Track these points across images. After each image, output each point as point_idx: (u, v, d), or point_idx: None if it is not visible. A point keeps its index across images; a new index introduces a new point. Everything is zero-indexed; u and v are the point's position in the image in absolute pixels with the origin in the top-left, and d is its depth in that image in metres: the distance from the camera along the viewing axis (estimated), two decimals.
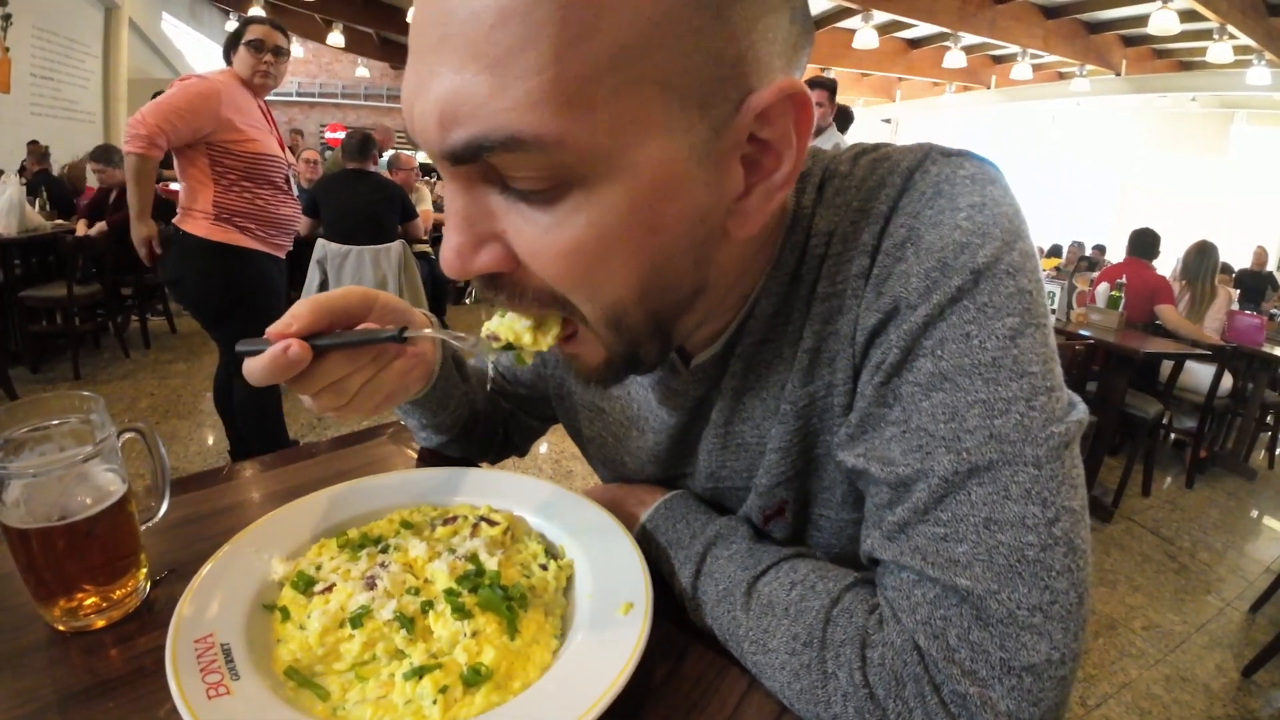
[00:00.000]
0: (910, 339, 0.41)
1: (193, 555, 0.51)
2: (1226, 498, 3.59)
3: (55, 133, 7.00)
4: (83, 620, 0.46)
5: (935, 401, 0.40)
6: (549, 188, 0.34)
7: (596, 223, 0.35)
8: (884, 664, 0.39)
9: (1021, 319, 0.40)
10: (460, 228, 0.37)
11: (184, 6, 10.33)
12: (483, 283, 0.40)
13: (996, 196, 0.42)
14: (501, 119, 0.31)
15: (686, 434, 0.57)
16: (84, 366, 3.78)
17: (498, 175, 0.35)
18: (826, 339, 0.47)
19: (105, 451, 0.47)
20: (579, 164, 0.33)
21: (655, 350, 0.43)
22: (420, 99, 0.33)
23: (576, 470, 3.02)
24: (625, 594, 0.45)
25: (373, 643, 0.42)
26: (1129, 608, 2.39)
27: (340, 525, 0.54)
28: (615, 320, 0.40)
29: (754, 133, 0.37)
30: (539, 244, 0.36)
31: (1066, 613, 0.37)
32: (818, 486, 0.51)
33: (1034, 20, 7.66)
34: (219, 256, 2.24)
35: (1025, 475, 0.38)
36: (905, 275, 0.42)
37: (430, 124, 0.33)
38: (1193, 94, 9.26)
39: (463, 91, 0.31)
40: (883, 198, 0.44)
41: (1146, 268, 3.85)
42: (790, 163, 0.39)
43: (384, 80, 13.58)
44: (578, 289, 0.38)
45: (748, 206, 0.39)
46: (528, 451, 0.84)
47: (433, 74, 0.32)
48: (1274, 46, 6.82)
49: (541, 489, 0.60)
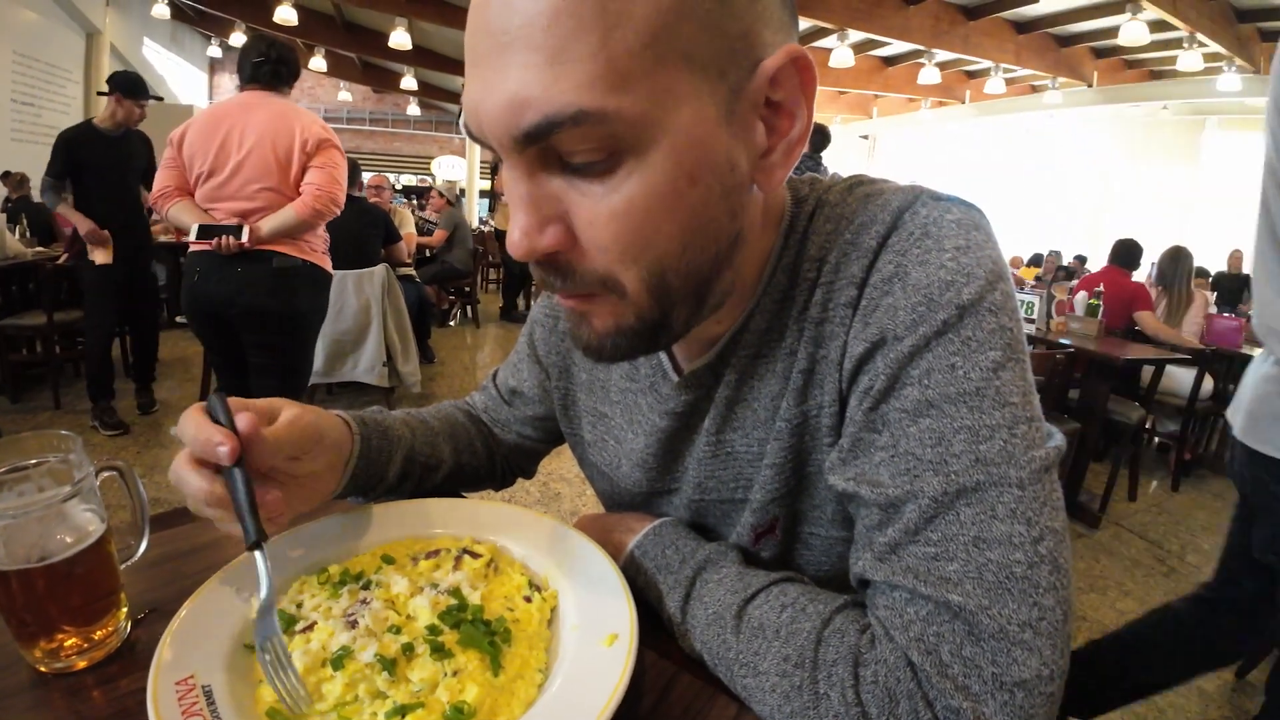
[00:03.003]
0: (897, 367, 0.44)
1: (173, 593, 0.50)
2: (1212, 499, 3.62)
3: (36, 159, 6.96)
4: (64, 661, 0.45)
5: (922, 427, 0.42)
6: (605, 158, 0.38)
7: (647, 181, 0.39)
8: (877, 681, 0.39)
9: (1003, 353, 0.43)
10: (528, 211, 0.40)
11: (165, 32, 10.35)
12: (541, 267, 0.43)
13: (980, 241, 0.45)
14: (568, 98, 0.36)
15: (676, 441, 0.59)
16: (64, 395, 3.73)
17: (557, 157, 0.39)
18: (818, 362, 0.49)
19: (84, 491, 0.47)
20: (629, 132, 0.37)
21: (684, 316, 0.45)
22: (488, 98, 0.38)
23: (564, 492, 3.00)
24: (610, 625, 0.45)
25: (354, 684, 0.41)
26: (1120, 612, 2.40)
27: (321, 561, 0.54)
28: (658, 281, 0.42)
29: (768, 96, 0.42)
30: (597, 209, 0.40)
31: (1054, 629, 0.38)
32: (808, 504, 0.53)
33: (1006, 36, 7.84)
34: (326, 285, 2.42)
35: (1010, 496, 0.40)
36: (893, 308, 0.44)
37: (502, 115, 0.38)
38: (1164, 102, 9.49)
39: (530, 82, 0.36)
40: (873, 233, 0.47)
41: (1124, 275, 3.92)
42: (802, 121, 0.43)
43: (366, 104, 13.66)
44: (628, 250, 0.41)
45: (771, 162, 0.44)
46: (534, 473, 0.86)
47: (499, 75, 0.37)
48: (1244, 53, 7.01)
49: (524, 518, 0.60)
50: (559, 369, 0.70)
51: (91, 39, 8.09)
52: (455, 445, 0.72)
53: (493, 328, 6.71)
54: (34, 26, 7.07)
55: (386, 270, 3.69)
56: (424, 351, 4.74)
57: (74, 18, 7.72)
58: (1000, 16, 7.56)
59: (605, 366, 0.66)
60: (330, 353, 3.50)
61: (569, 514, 2.72)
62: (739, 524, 0.56)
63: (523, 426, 0.77)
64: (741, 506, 0.56)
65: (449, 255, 5.82)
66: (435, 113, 15.80)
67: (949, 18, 7.39)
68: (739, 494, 0.56)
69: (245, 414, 0.47)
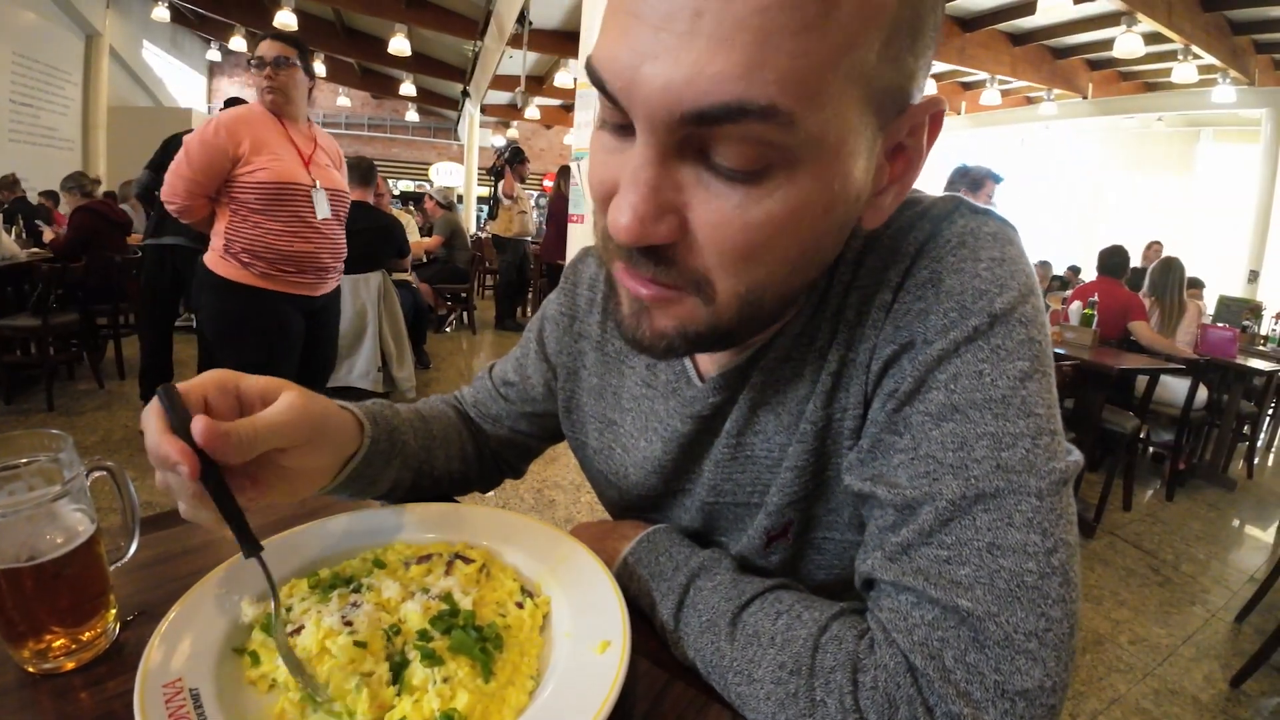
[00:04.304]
0: (924, 370, 0.44)
1: (162, 596, 0.50)
2: (1207, 509, 3.63)
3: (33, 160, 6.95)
4: (52, 662, 0.45)
5: (945, 431, 0.42)
6: (760, 167, 0.36)
7: (792, 199, 0.37)
8: (876, 687, 0.39)
9: (1031, 364, 0.43)
10: (647, 196, 0.37)
11: (165, 35, 10.36)
12: (642, 252, 0.40)
13: (1014, 255, 0.46)
14: (768, 90, 0.33)
15: (695, 445, 0.58)
16: (57, 397, 3.70)
17: (700, 148, 0.37)
18: (848, 364, 0.49)
19: (74, 491, 0.46)
20: (798, 146, 0.35)
21: (753, 330, 0.45)
22: (660, 62, 0.34)
23: (559, 500, 3.00)
24: (603, 631, 0.45)
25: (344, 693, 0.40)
26: (1115, 622, 2.40)
27: (311, 564, 0.53)
28: (755, 297, 0.41)
29: (901, 140, 0.42)
30: (730, 214, 0.37)
31: (1059, 641, 0.38)
32: (824, 509, 0.53)
33: (1001, 48, 7.91)
34: (225, 291, 2.14)
35: (1028, 505, 0.40)
36: (924, 313, 0.45)
37: (676, 86, 0.34)
38: (1159, 114, 9.55)
39: (729, 59, 0.33)
40: (910, 240, 0.48)
41: (1118, 285, 3.93)
42: (917, 168, 0.43)
43: (365, 109, 13.68)
44: (743, 262, 0.39)
45: (882, 202, 0.44)
46: (524, 473, 0.83)
47: (684, 42, 0.34)
48: (1238, 65, 7.07)
49: (518, 524, 0.59)
50: (567, 370, 0.69)
51: (91, 41, 8.09)
52: (448, 451, 0.70)
53: (489, 334, 6.71)
54: (34, 28, 7.07)
55: (383, 275, 3.68)
56: (419, 357, 4.73)
57: (74, 20, 7.73)
58: (996, 29, 7.62)
59: (619, 372, 0.65)
60: None
61: (564, 521, 2.71)
62: (751, 527, 0.55)
63: (518, 422, 0.75)
64: (756, 510, 0.55)
65: (451, 257, 5.84)
66: (434, 119, 15.82)
67: (945, 30, 7.43)
68: (754, 497, 0.55)
69: (200, 419, 0.41)
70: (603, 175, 0.41)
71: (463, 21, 8.35)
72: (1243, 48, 7.12)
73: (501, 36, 7.38)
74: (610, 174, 0.40)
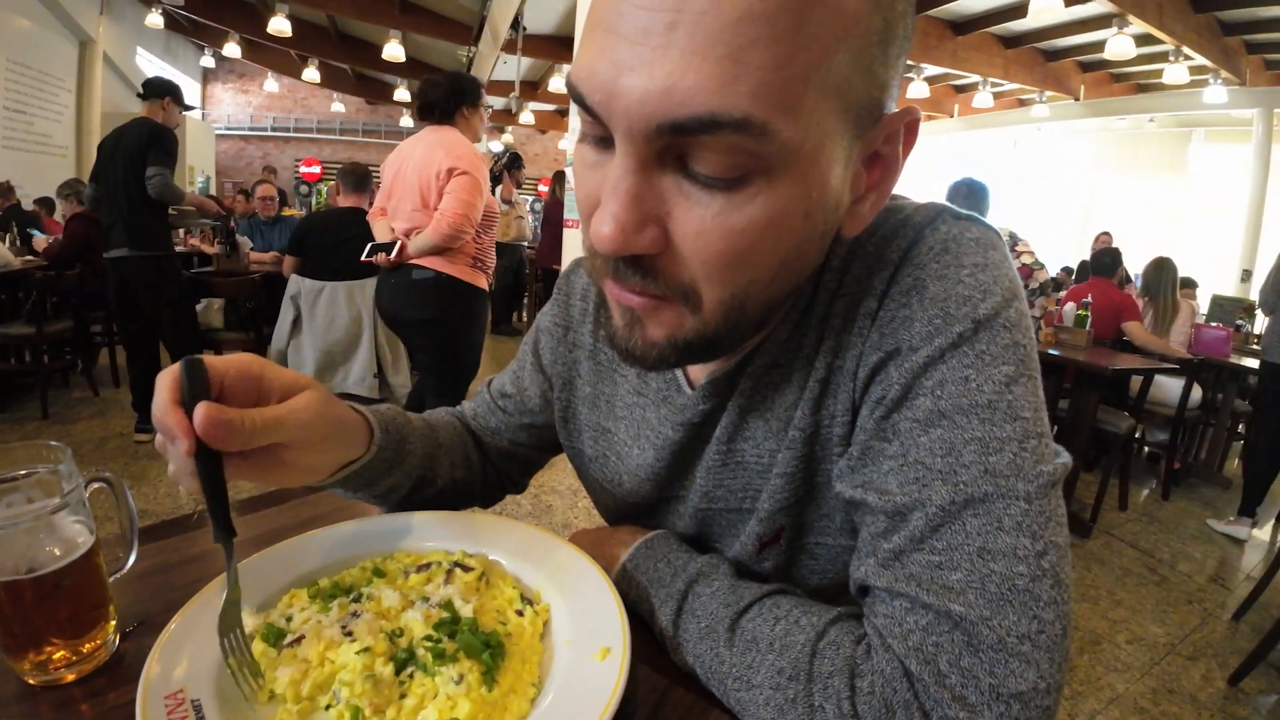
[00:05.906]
0: (911, 377, 0.44)
1: (162, 606, 0.50)
2: (1203, 508, 3.65)
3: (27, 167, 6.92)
4: (52, 674, 0.45)
5: (933, 437, 0.43)
6: (738, 175, 0.37)
7: (771, 206, 0.38)
8: (873, 692, 0.39)
9: (1016, 368, 0.43)
10: (629, 206, 0.38)
11: (159, 41, 10.33)
12: (625, 263, 0.41)
13: (997, 260, 0.46)
14: (741, 102, 0.34)
15: (686, 452, 0.59)
16: (52, 405, 3.69)
17: (680, 157, 0.38)
18: (835, 371, 0.50)
19: (73, 502, 0.46)
20: (775, 155, 0.36)
21: (739, 337, 0.45)
22: (637, 74, 0.35)
23: (556, 505, 2.99)
24: (603, 638, 0.45)
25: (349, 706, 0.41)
26: (1112, 622, 2.41)
27: (311, 574, 0.53)
28: (738, 304, 0.42)
29: (877, 148, 0.42)
30: (708, 225, 0.38)
31: (1052, 643, 0.38)
32: (815, 514, 0.53)
33: (993, 50, 7.93)
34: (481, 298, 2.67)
35: (1017, 509, 0.40)
36: (909, 320, 0.45)
37: (652, 99, 0.35)
38: (1150, 115, 9.59)
39: (703, 71, 0.34)
40: (894, 247, 0.48)
41: (1111, 286, 3.95)
42: (894, 175, 0.44)
43: (359, 115, 13.64)
44: (726, 269, 0.40)
45: (860, 210, 0.44)
46: (525, 488, 0.83)
47: (660, 54, 0.34)
48: (1230, 65, 7.10)
49: (517, 531, 0.59)
50: (563, 380, 0.70)
51: (85, 48, 8.06)
52: (453, 458, 0.71)
53: (485, 339, 6.68)
54: (27, 34, 7.05)
55: None
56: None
57: (67, 26, 7.69)
58: (988, 31, 7.64)
59: (612, 380, 0.65)
60: (321, 364, 3.47)
61: (561, 527, 2.71)
62: (744, 533, 0.56)
63: (516, 433, 0.76)
64: (748, 516, 0.56)
65: None
66: None
67: (937, 33, 7.47)
68: (746, 503, 0.56)
69: (204, 406, 0.41)
70: (586, 190, 0.42)
71: (457, 27, 8.34)
72: (1233, 48, 7.16)
73: (496, 42, 7.37)
74: (593, 188, 0.41)
